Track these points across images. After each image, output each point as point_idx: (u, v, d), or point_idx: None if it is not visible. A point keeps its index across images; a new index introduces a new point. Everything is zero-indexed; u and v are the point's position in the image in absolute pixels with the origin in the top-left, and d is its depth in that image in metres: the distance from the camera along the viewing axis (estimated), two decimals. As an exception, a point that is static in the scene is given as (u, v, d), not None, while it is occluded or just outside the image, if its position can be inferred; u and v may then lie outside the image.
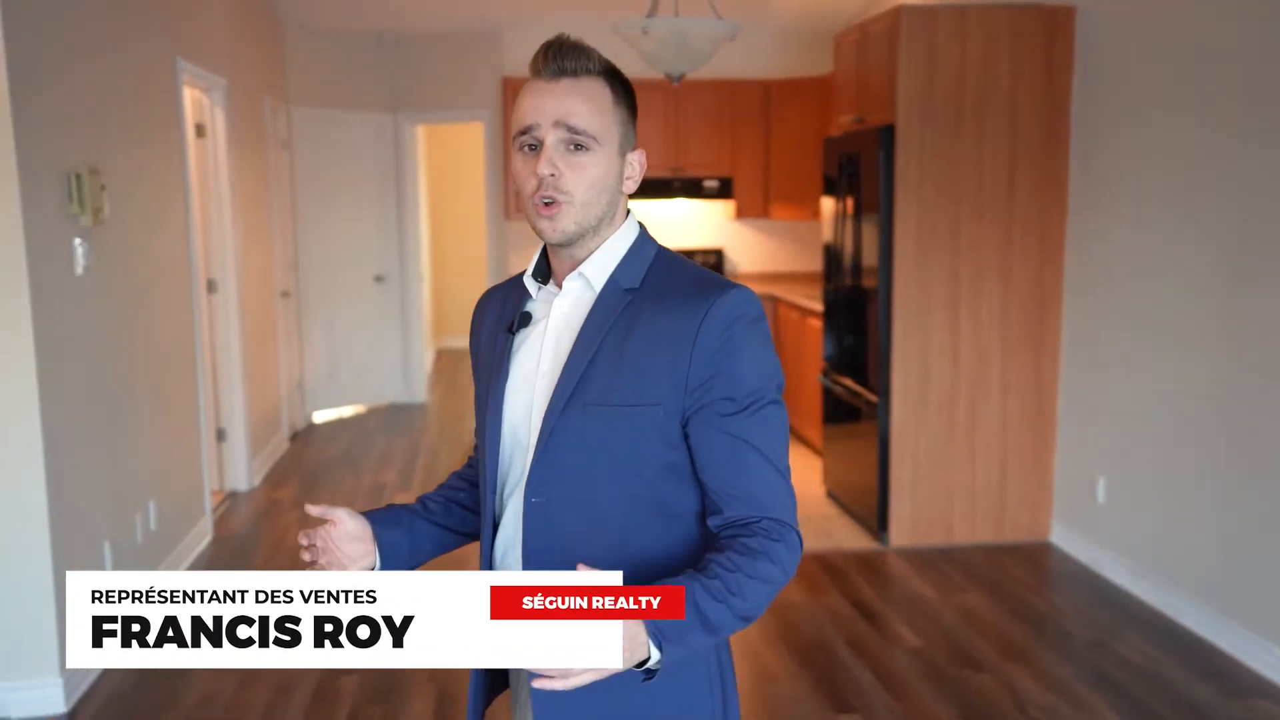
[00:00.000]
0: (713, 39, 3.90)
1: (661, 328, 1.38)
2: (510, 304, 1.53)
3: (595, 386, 1.38)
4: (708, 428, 1.37)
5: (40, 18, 3.40)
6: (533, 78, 1.43)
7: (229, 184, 5.67)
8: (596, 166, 1.40)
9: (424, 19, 7.44)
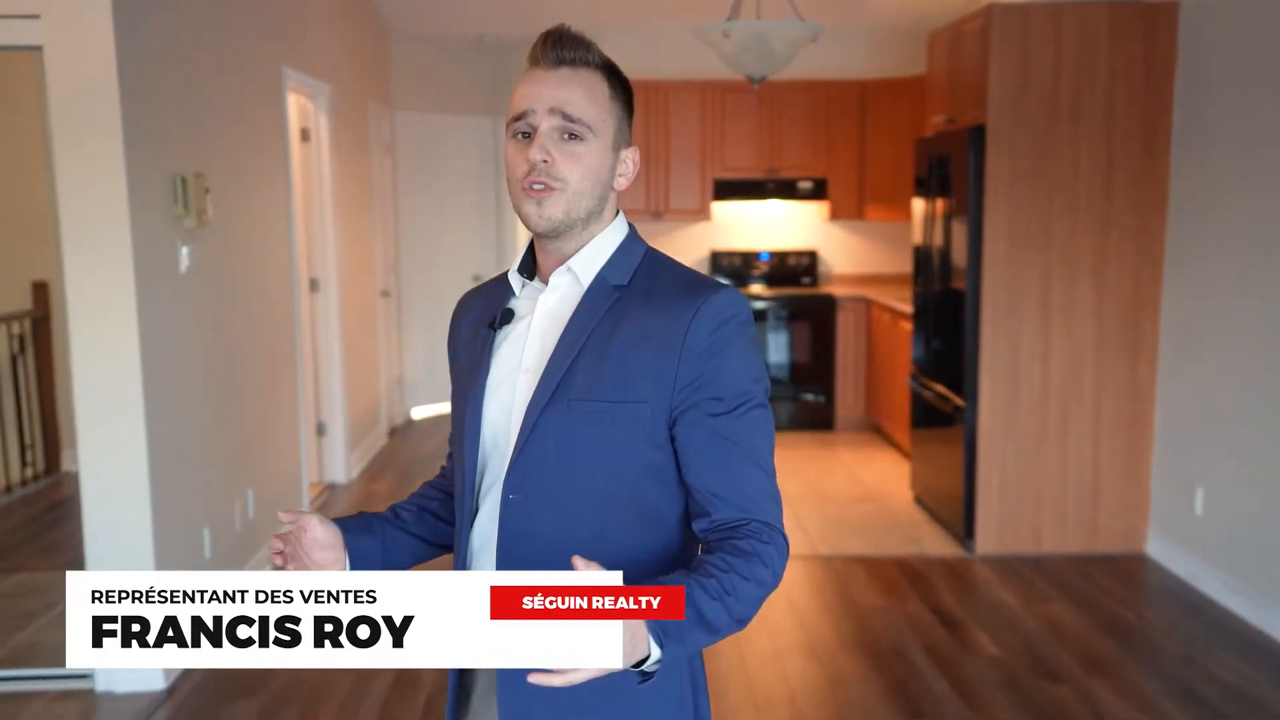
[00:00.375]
0: (794, 41, 3.90)
1: (649, 325, 1.36)
2: (493, 302, 1.51)
3: (580, 382, 1.36)
4: (695, 428, 1.35)
5: (150, 27, 3.59)
6: (531, 67, 1.42)
7: (331, 187, 5.87)
8: (590, 156, 1.39)
9: (522, 23, 7.57)
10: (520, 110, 1.39)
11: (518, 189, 1.39)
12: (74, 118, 3.34)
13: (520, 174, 1.38)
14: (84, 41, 3.32)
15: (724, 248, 7.79)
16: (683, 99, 7.45)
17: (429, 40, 7.74)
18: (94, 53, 3.32)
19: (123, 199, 3.38)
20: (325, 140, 5.85)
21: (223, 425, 4.19)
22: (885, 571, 4.68)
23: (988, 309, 4.81)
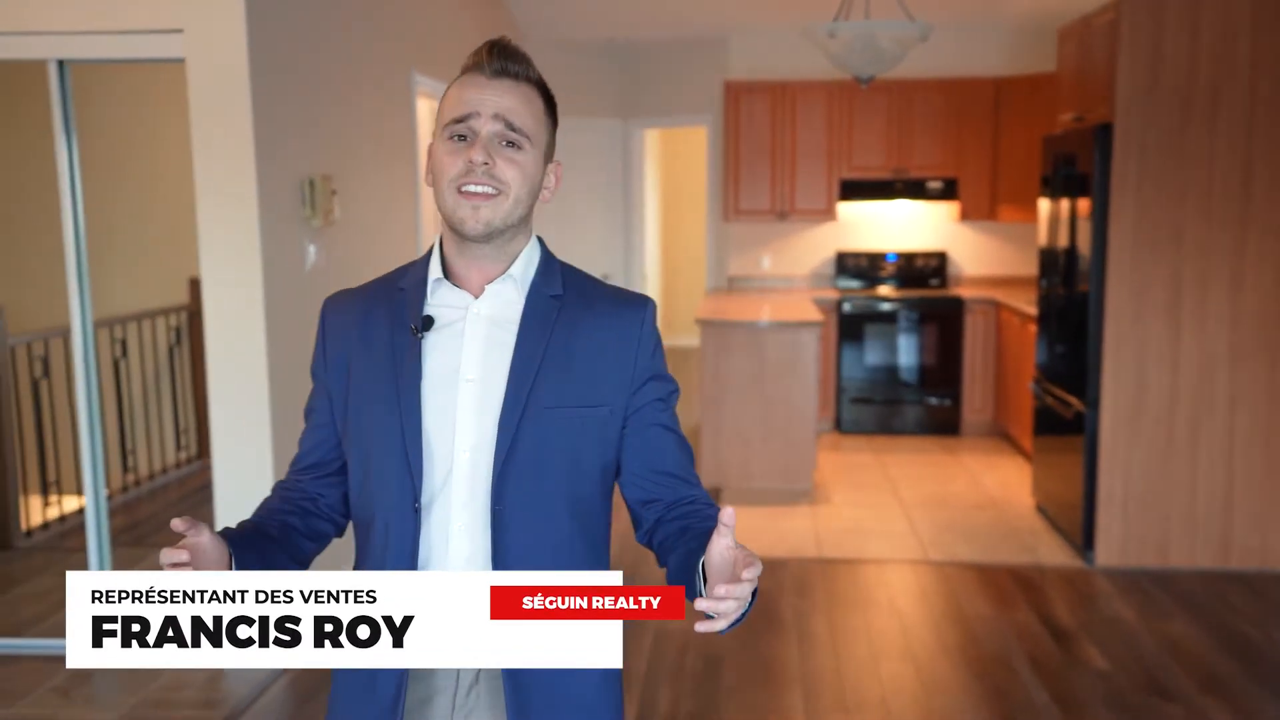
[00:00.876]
0: (902, 40, 3.86)
1: (605, 333, 1.45)
2: (385, 308, 1.48)
3: (548, 391, 1.41)
4: (647, 423, 1.47)
5: (282, 39, 3.82)
6: (472, 73, 1.43)
7: (460, 188, 6.08)
8: (528, 164, 1.43)
9: (653, 26, 7.68)
10: (462, 113, 1.40)
11: (451, 190, 1.40)
12: (210, 125, 3.59)
13: (456, 173, 1.39)
14: (220, 54, 3.56)
15: (850, 248, 7.71)
16: (809, 99, 7.41)
17: (561, 44, 7.92)
18: (229, 64, 3.55)
19: (253, 201, 3.60)
20: (455, 143, 6.06)
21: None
22: (997, 579, 4.58)
23: (1112, 312, 4.65)
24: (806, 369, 5.82)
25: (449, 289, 1.47)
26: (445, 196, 1.41)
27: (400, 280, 1.50)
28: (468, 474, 1.42)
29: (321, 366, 1.51)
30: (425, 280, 1.47)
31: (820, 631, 4.05)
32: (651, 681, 3.63)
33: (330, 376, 1.49)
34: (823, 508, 5.60)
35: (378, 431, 1.43)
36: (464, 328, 1.45)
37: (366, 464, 1.45)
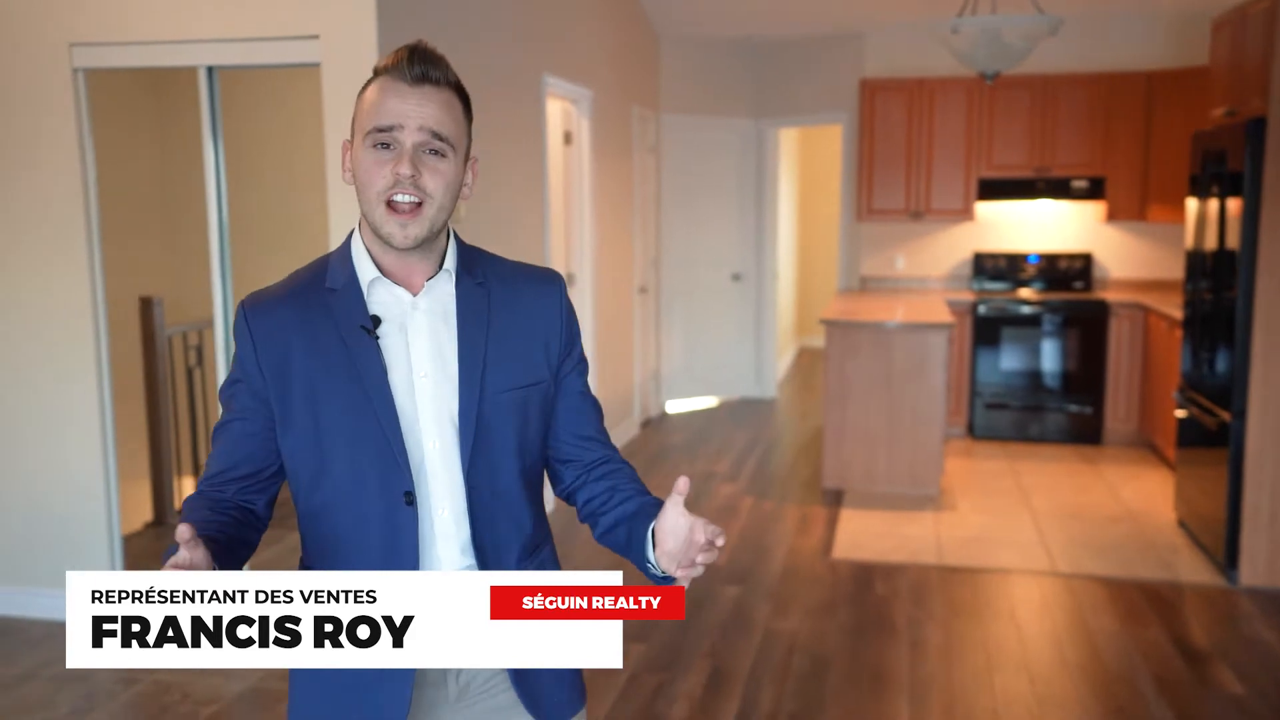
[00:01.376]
0: (1029, 35, 3.74)
1: (527, 311, 1.55)
2: (320, 310, 1.49)
3: (496, 376, 1.50)
4: (569, 390, 1.59)
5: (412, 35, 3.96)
6: (391, 79, 1.44)
7: (590, 188, 6.18)
8: (451, 171, 1.46)
9: (789, 24, 7.63)
10: (387, 124, 1.42)
11: (379, 203, 1.43)
12: (343, 128, 3.75)
13: (383, 186, 1.42)
14: (352, 58, 3.72)
15: (988, 249, 7.49)
16: (948, 96, 7.24)
17: (697, 43, 7.94)
18: (360, 68, 3.71)
19: (380, 198, 3.75)
20: (586, 143, 6.16)
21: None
22: (1128, 595, 4.39)
23: (1261, 319, 4.39)
24: (935, 372, 5.70)
25: (387, 287, 1.50)
26: (373, 208, 1.44)
27: (326, 281, 1.51)
28: (440, 463, 1.49)
29: (255, 373, 1.48)
30: (356, 280, 1.50)
31: (934, 640, 3.96)
32: (754, 681, 3.62)
33: (268, 382, 1.48)
34: (948, 514, 5.47)
35: (347, 430, 1.47)
36: (407, 324, 1.50)
37: (332, 464, 1.48)
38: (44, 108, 3.95)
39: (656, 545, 1.42)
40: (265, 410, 1.48)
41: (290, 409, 1.47)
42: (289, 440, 1.48)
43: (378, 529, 1.48)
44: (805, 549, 4.95)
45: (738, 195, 8.32)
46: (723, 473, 6.29)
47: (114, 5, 3.87)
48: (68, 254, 4.00)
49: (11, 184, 4.01)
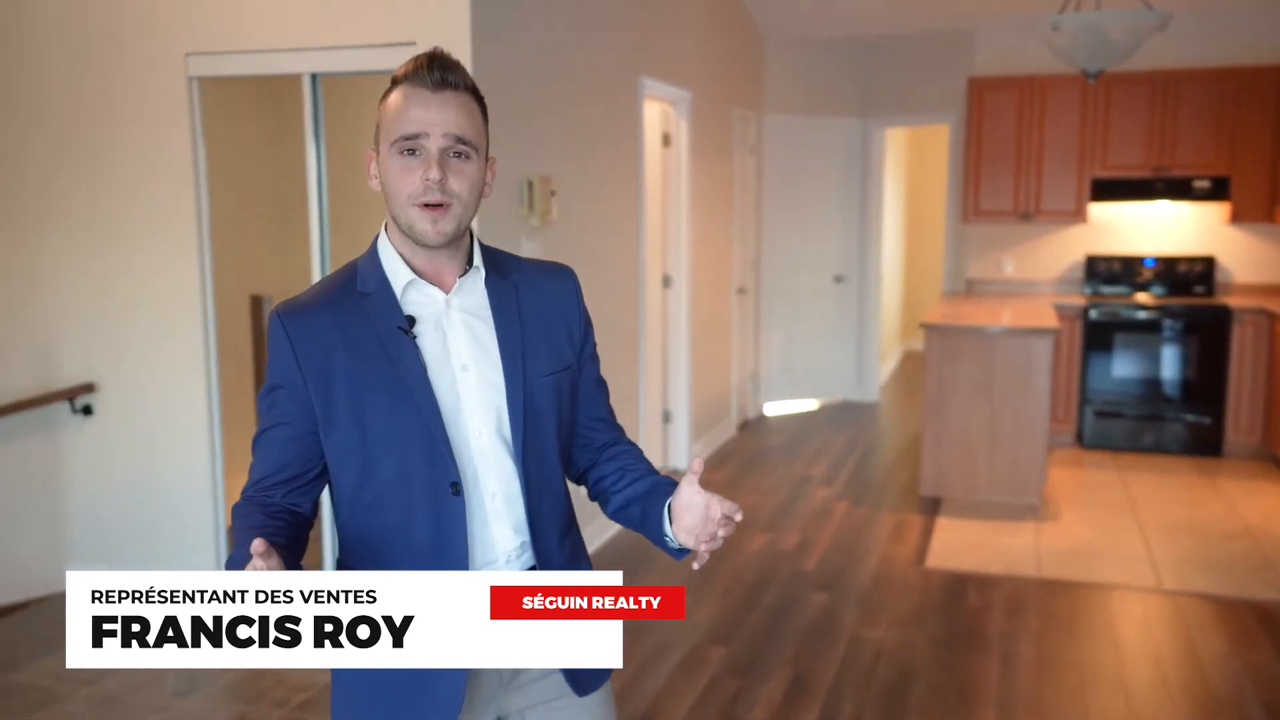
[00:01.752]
0: (1135, 31, 3.59)
1: (551, 303, 1.64)
2: (357, 314, 1.52)
3: (535, 364, 1.59)
4: (587, 375, 1.69)
5: (506, 50, 4.03)
6: (413, 85, 1.49)
7: (688, 189, 6.18)
8: (474, 172, 1.52)
9: (896, 22, 7.50)
10: (412, 131, 1.47)
11: (407, 205, 1.49)
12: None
13: (413, 191, 1.48)
14: (447, 63, 3.79)
15: (1101, 252, 7.24)
16: (1061, 94, 7.01)
17: (800, 42, 7.87)
18: (455, 72, 3.79)
19: (472, 200, 3.82)
20: (685, 144, 6.16)
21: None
22: (1239, 615, 4.19)
23: (1390, 327, 4.15)
24: (1039, 378, 5.53)
25: (420, 288, 1.56)
26: (403, 211, 1.50)
27: (357, 285, 1.55)
28: (489, 448, 1.56)
29: (296, 379, 1.51)
30: (387, 283, 1.54)
31: (1026, 654, 3.85)
32: (836, 690, 3.57)
33: (309, 387, 1.51)
34: (1049, 525, 5.30)
35: (395, 429, 1.51)
36: (443, 322, 1.55)
37: (378, 462, 1.52)
38: (160, 115, 4.14)
39: (674, 520, 1.52)
40: (307, 415, 1.52)
41: (333, 412, 1.51)
42: (333, 442, 1.52)
43: (425, 521, 1.53)
44: (898, 556, 4.87)
45: (841, 196, 8.21)
46: (818, 476, 6.22)
47: (227, 17, 4.03)
48: (182, 254, 4.18)
49: (130, 188, 4.21)
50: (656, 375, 6.25)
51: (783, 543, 5.05)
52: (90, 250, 4.28)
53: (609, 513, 1.69)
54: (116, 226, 4.25)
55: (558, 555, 1.63)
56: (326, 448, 1.53)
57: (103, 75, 4.18)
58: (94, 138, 4.22)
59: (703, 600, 4.35)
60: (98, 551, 4.40)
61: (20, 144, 4.29)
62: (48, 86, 4.24)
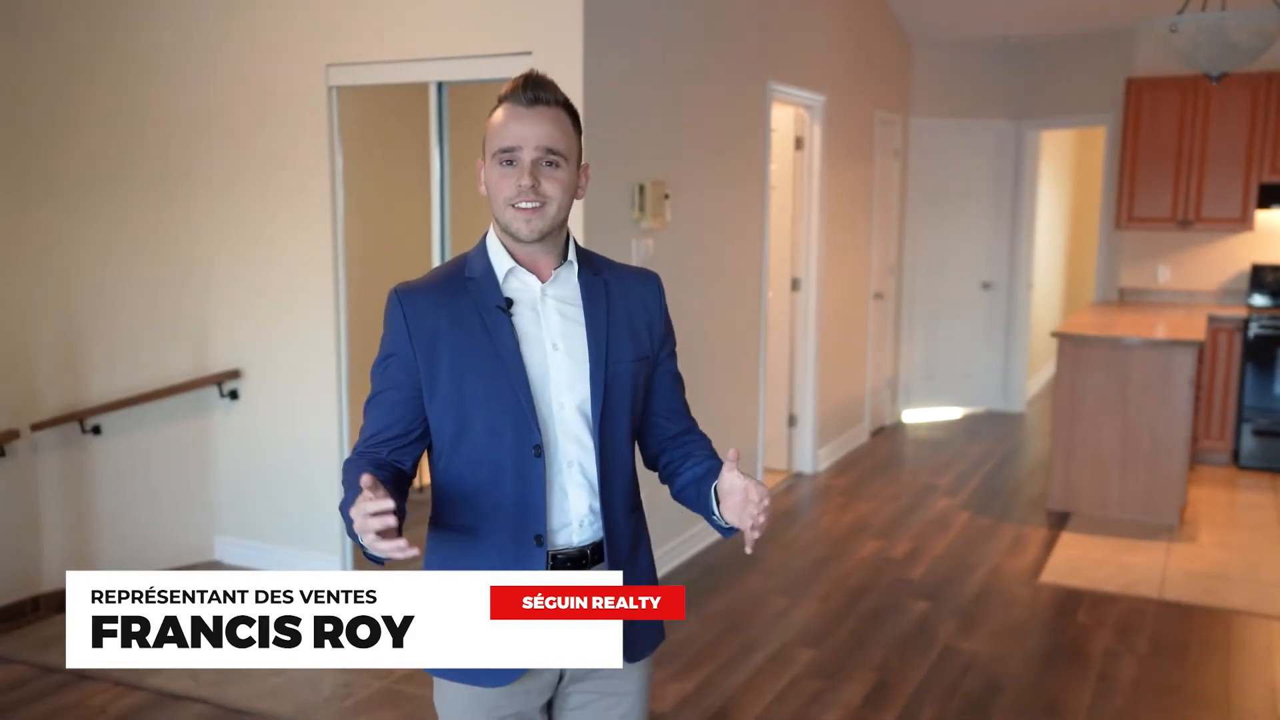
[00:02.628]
0: (1261, 32, 3.40)
1: (636, 301, 1.80)
2: (464, 295, 1.71)
3: (617, 350, 1.75)
4: (664, 369, 1.85)
5: (617, 53, 4.16)
6: (511, 104, 1.68)
7: (819, 192, 6.19)
8: (567, 177, 1.70)
9: (1052, 22, 7.27)
10: (509, 144, 1.67)
11: (505, 207, 1.69)
12: (548, 135, 4.00)
13: (509, 194, 1.68)
14: (562, 72, 3.96)
15: (1270, 261, 6.81)
16: (1228, 94, 6.64)
17: (952, 45, 7.72)
18: (569, 82, 3.95)
19: (578, 206, 3.97)
20: (818, 148, 6.17)
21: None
22: (1376, 652, 3.92)
23: None
24: (1178, 393, 5.29)
25: (520, 276, 1.74)
26: (502, 211, 1.70)
27: (465, 272, 1.75)
28: (570, 420, 1.73)
29: (407, 349, 1.70)
30: (491, 270, 1.74)
31: (1127, 676, 3.72)
32: (918, 698, 3.55)
33: (418, 357, 1.70)
34: (1183, 546, 5.06)
35: (488, 393, 1.70)
36: (539, 306, 1.74)
37: (472, 423, 1.71)
38: (303, 122, 4.47)
39: (720, 502, 1.68)
40: (414, 381, 1.71)
41: (437, 379, 1.70)
42: (435, 406, 1.72)
43: (511, 478, 1.70)
44: (1011, 569, 4.76)
45: (991, 200, 8.01)
46: (944, 486, 6.11)
47: (365, 29, 4.32)
48: (319, 251, 4.49)
49: (275, 190, 4.57)
50: (782, 378, 6.28)
51: (892, 550, 5.01)
52: (238, 246, 4.66)
53: (673, 493, 1.85)
54: (262, 226, 4.61)
55: (624, 526, 1.78)
56: (430, 410, 1.72)
57: (253, 87, 4.54)
58: (244, 143, 4.59)
59: (800, 603, 4.37)
60: (241, 526, 4.79)
61: (184, 149, 4.71)
62: (209, 99, 4.63)
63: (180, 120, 4.71)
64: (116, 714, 3.42)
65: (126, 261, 4.88)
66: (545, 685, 1.76)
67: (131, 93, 4.79)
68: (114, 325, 4.93)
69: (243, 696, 3.50)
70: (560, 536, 1.72)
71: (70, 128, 4.90)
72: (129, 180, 4.83)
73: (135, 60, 4.77)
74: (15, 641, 4.05)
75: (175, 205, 4.76)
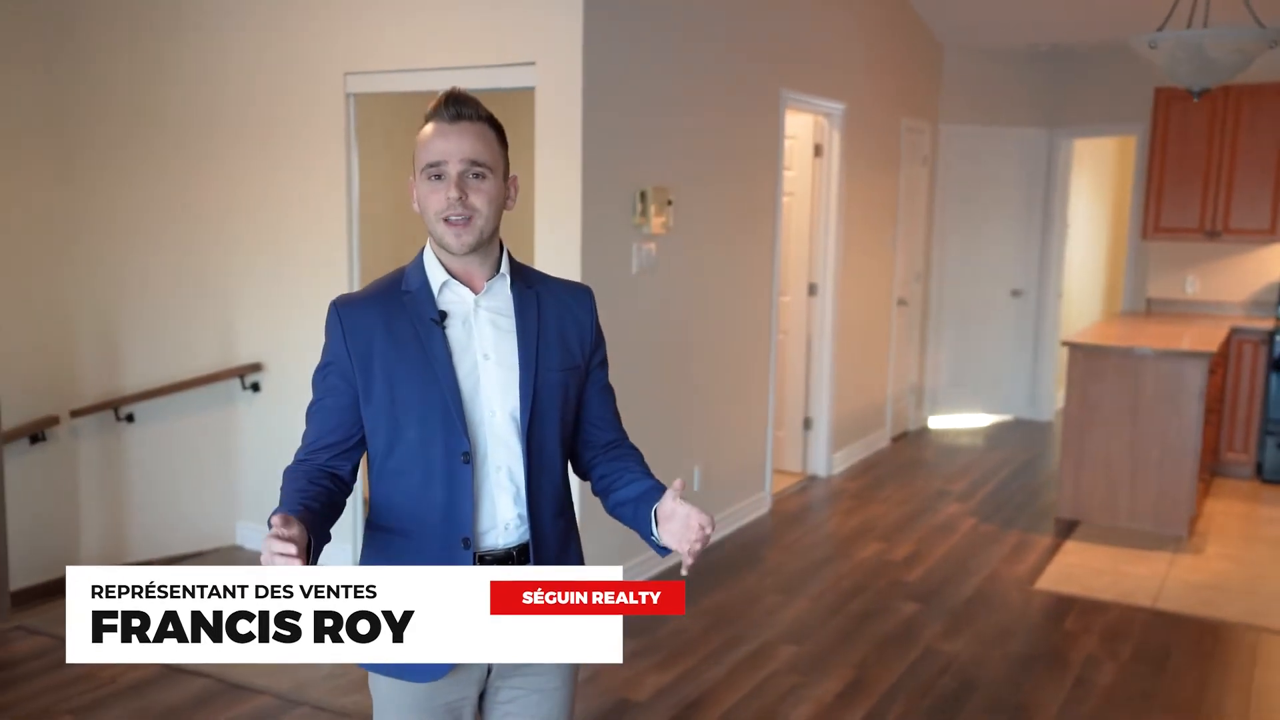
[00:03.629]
0: (1240, 49, 3.42)
1: (567, 312, 1.88)
2: (399, 307, 1.79)
3: (547, 361, 1.82)
4: (595, 380, 1.93)
5: (619, 63, 4.29)
6: (436, 121, 1.76)
7: (837, 199, 6.26)
8: (494, 188, 1.77)
9: (1083, 30, 7.25)
10: (435, 160, 1.74)
11: (436, 221, 1.76)
12: (549, 142, 4.15)
13: (439, 208, 1.75)
14: (561, 82, 4.10)
15: (1299, 273, 6.74)
16: (1260, 103, 6.59)
17: (979, 52, 7.74)
18: (567, 91, 4.09)
19: (576, 209, 4.11)
20: (836, 155, 6.24)
21: (666, 405, 4.80)
22: (1364, 667, 3.91)
23: None
24: (1189, 405, 5.28)
25: (453, 288, 1.81)
26: (434, 225, 1.77)
27: (402, 285, 1.82)
28: (501, 427, 1.80)
29: (344, 357, 1.79)
30: (427, 283, 1.81)
31: (1104, 681, 3.76)
32: (890, 695, 3.63)
33: (354, 364, 1.78)
34: (1186, 558, 5.05)
35: (420, 402, 1.77)
36: (472, 318, 1.81)
37: (405, 430, 1.78)
38: (321, 127, 4.67)
39: (659, 524, 1.73)
40: (351, 389, 1.80)
41: (372, 386, 1.78)
42: (370, 412, 1.79)
43: (440, 484, 1.77)
44: (1007, 575, 4.80)
45: (1023, 208, 8.00)
46: (956, 492, 6.15)
47: (380, 39, 4.51)
48: (334, 251, 4.69)
49: (294, 193, 4.77)
50: (798, 382, 6.36)
51: (893, 553, 5.07)
52: (260, 246, 4.88)
53: (607, 508, 1.90)
54: (281, 228, 4.82)
55: (551, 529, 1.85)
56: (365, 416, 1.79)
57: (276, 95, 4.76)
58: (267, 148, 4.80)
59: (792, 601, 4.46)
60: (261, 512, 5.00)
61: (213, 154, 4.94)
62: (237, 107, 4.86)
63: (211, 126, 4.95)
64: (126, 684, 3.63)
65: (160, 260, 5.14)
66: (474, 679, 1.84)
67: (164, 101, 5.04)
68: (148, 319, 5.19)
69: (243, 673, 3.69)
70: (487, 539, 1.78)
71: (109, 133, 5.17)
72: (163, 183, 5.08)
73: (165, 69, 5.01)
74: (42, 615, 4.29)
75: (205, 208, 5.00)
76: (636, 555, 4.38)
